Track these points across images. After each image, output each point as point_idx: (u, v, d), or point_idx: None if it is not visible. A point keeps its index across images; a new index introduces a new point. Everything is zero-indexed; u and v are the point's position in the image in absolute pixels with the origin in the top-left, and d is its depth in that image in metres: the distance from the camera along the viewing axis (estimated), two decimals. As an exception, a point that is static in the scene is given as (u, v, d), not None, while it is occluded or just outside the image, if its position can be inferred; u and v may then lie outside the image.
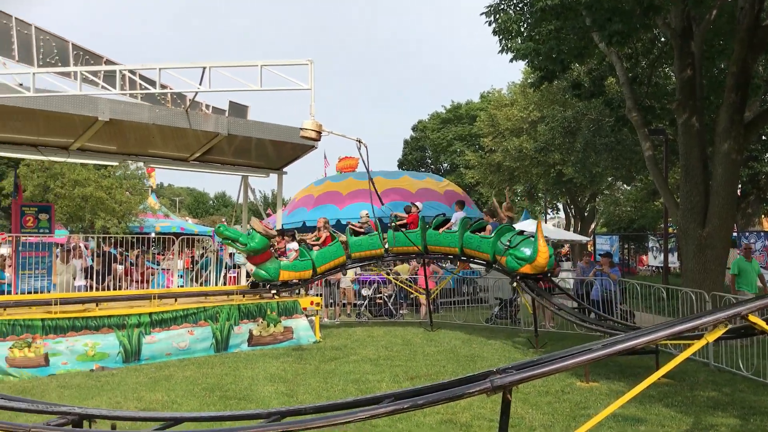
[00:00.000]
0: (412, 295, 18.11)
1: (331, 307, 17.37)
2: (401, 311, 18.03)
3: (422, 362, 11.00)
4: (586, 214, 39.86)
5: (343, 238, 14.76)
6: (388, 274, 17.33)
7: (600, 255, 15.83)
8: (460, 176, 44.39)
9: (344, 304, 18.02)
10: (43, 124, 11.93)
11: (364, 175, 25.81)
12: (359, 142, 9.66)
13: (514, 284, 12.79)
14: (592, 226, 41.09)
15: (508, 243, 12.54)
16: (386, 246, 14.54)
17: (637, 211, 38.19)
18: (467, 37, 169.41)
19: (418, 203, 15.57)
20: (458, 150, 50.09)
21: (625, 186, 37.99)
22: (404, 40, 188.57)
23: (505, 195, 17.74)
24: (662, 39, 17.45)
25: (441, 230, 14.15)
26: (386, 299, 17.81)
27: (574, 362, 4.23)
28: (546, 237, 22.18)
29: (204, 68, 10.04)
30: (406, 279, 17.55)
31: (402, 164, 58.54)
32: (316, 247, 14.67)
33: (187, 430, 4.89)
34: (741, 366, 9.74)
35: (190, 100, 13.49)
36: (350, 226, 15.08)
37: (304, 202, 25.57)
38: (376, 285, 18.17)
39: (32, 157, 20.16)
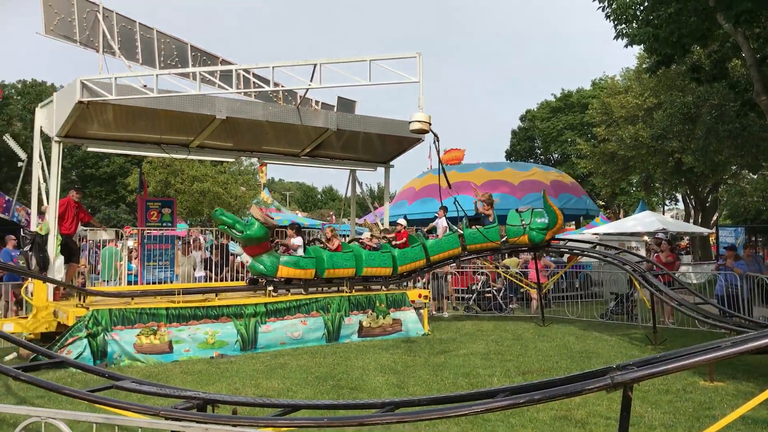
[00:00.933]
0: (522, 289, 17.79)
1: (438, 300, 17.35)
2: (511, 305, 17.76)
3: (534, 357, 10.78)
4: (707, 204, 37.68)
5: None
6: (497, 267, 17.10)
7: (724, 248, 14.91)
8: (571, 166, 43.13)
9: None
10: (165, 123, 12.58)
11: (468, 168, 25.64)
12: (435, 136, 9.59)
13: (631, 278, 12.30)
14: (714, 217, 38.78)
15: (523, 222, 14.00)
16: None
17: (766, 202, 35.68)
18: (577, 23, 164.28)
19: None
20: (569, 139, 48.68)
21: (751, 175, 35.61)
22: (511, 28, 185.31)
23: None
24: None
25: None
26: (495, 293, 17.59)
27: (701, 360, 3.99)
28: (664, 229, 21.23)
29: (315, 65, 10.25)
30: (516, 272, 17.25)
31: (510, 155, 57.61)
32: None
33: (303, 417, 5.01)
34: None
35: (300, 96, 13.82)
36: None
37: (405, 195, 25.68)
38: (484, 278, 17.98)
39: (156, 155, 21.33)
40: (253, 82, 12.60)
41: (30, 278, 11.40)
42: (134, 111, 11.74)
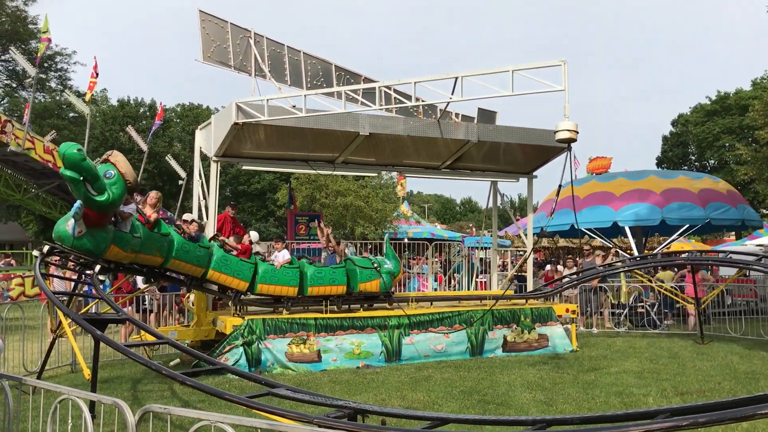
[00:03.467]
0: (678, 305, 16.74)
1: (588, 316, 16.71)
2: (666, 322, 16.75)
3: (693, 377, 10.09)
4: None
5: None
6: (650, 281, 16.22)
7: None
8: (730, 173, 40.22)
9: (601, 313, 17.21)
10: (312, 141, 13.10)
11: (610, 177, 24.52)
12: (568, 144, 9.20)
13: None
14: None
15: (375, 265, 12.28)
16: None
17: None
18: (732, 18, 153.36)
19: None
20: (727, 144, 45.43)
21: None
22: (658, 28, 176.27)
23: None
24: None
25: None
26: (649, 308, 16.68)
27: None
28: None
29: (456, 78, 10.26)
30: (671, 287, 16.28)
31: (661, 162, 54.70)
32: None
33: (451, 431, 4.99)
34: None
35: (441, 110, 13.88)
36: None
37: (545, 206, 24.98)
38: (636, 293, 17.10)
39: (304, 171, 22.24)
40: (395, 98, 12.84)
41: (191, 289, 12.23)
42: (284, 130, 12.33)
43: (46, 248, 8.88)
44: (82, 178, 7.68)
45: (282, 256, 11.94)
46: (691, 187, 22.27)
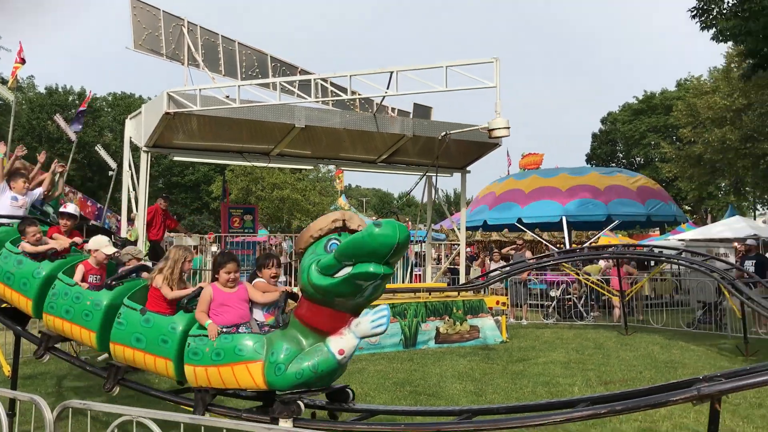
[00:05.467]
0: (603, 297, 17.32)
1: (518, 307, 17.12)
2: (592, 313, 17.32)
3: (617, 367, 10.48)
4: (803, 209, 35.71)
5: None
6: (578, 274, 16.72)
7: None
8: (655, 170, 41.77)
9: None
10: (246, 133, 12.93)
11: (551, 173, 25.16)
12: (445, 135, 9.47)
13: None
14: (811, 222, 36.64)
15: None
16: None
17: None
18: (660, 21, 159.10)
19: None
20: (653, 142, 47.14)
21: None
22: (591, 27, 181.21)
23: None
24: None
25: None
26: (576, 300, 17.20)
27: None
28: (755, 235, 20.24)
29: (391, 73, 10.33)
30: (598, 279, 16.83)
31: (590, 159, 56.28)
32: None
33: (380, 422, 5.05)
34: None
35: (377, 104, 13.94)
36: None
37: (485, 200, 25.40)
38: (564, 286, 17.61)
39: (238, 163, 21.96)
40: (331, 91, 12.81)
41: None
42: (217, 121, 12.13)
43: None
44: None
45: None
46: (630, 185, 23.08)
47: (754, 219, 38.04)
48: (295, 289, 5.84)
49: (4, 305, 6.85)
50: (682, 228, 29.34)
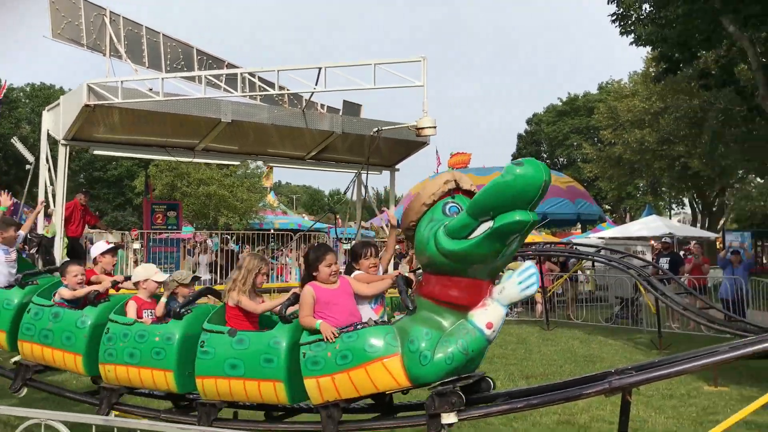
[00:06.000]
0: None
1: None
2: (515, 309, 17.73)
3: (538, 362, 10.76)
4: (714, 209, 37.54)
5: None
6: (502, 271, 17.04)
7: (730, 253, 14.85)
8: (577, 170, 43.07)
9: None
10: (170, 127, 12.63)
11: (486, 171, 25.53)
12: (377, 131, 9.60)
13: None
14: (721, 222, 38.64)
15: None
16: None
17: (773, 206, 35.55)
18: (585, 25, 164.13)
19: None
20: (575, 143, 48.60)
21: (758, 179, 35.52)
22: (517, 31, 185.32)
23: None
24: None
25: None
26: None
27: (698, 365, 4.02)
28: (670, 233, 21.18)
29: (320, 69, 10.29)
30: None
31: (516, 159, 57.57)
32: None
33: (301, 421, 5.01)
34: None
35: (306, 100, 13.85)
36: None
37: (408, 199, 25.60)
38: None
39: (162, 158, 21.43)
40: (259, 85, 12.66)
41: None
42: (140, 114, 11.79)
43: None
44: None
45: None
46: (560, 184, 23.68)
47: (670, 218, 39.89)
48: (404, 272, 5.32)
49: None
50: (603, 226, 30.37)
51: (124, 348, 4.98)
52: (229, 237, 21.18)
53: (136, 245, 16.60)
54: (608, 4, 15.23)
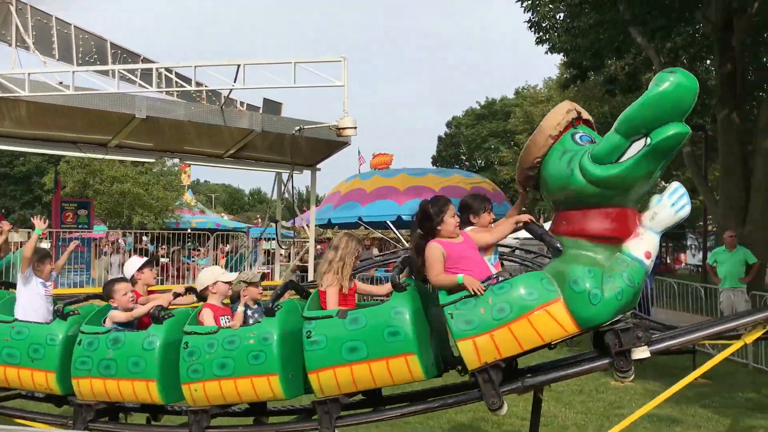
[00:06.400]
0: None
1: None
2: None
3: (455, 360, 10.94)
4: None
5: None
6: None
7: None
8: (494, 173, 44.11)
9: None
10: (82, 122, 12.16)
11: (391, 173, 25.84)
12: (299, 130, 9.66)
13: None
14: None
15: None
16: None
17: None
18: (502, 31, 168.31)
19: None
20: (493, 147, 49.75)
21: (663, 183, 37.36)
22: (437, 34, 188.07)
23: None
24: (702, 33, 17.15)
25: None
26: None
27: (605, 362, 4.18)
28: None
29: (238, 66, 10.15)
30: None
31: (436, 161, 58.43)
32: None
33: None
34: (782, 367, 9.50)
35: (224, 97, 13.63)
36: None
37: (331, 199, 25.59)
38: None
39: (72, 155, 20.61)
40: (175, 81, 12.36)
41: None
42: (49, 108, 11.30)
43: None
44: None
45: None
46: (466, 185, 24.11)
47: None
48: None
49: None
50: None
51: (212, 360, 4.33)
52: (143, 236, 20.55)
53: (45, 244, 15.87)
54: (525, 12, 15.72)
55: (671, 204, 3.79)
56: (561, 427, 6.93)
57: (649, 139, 3.55)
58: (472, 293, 3.86)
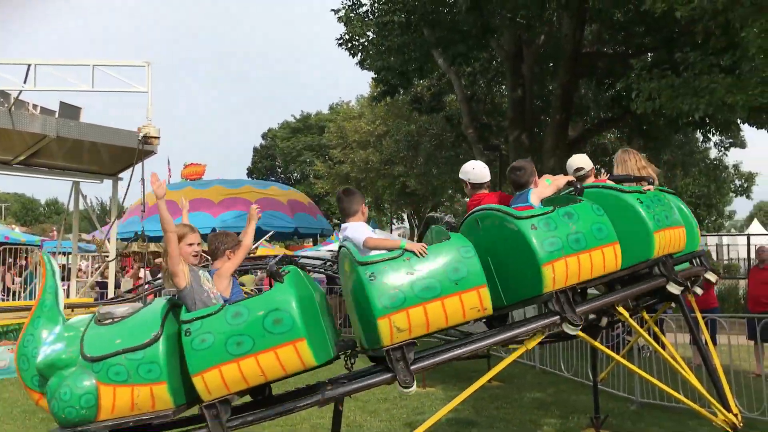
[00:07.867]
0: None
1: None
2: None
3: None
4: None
5: None
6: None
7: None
8: (310, 186, 44.45)
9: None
10: None
11: (205, 184, 25.16)
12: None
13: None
14: (435, 235, 42.55)
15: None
16: None
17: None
18: (317, 46, 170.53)
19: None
20: (308, 160, 50.14)
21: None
22: (254, 45, 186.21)
23: None
24: (498, 60, 18.61)
25: None
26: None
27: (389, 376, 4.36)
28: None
29: (29, 65, 9.35)
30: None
31: (252, 172, 57.70)
32: None
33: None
34: (562, 367, 10.47)
35: (14, 98, 12.46)
36: None
37: (137, 210, 24.34)
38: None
39: None
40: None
41: None
42: None
43: None
44: None
45: None
46: (282, 197, 24.04)
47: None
48: None
49: None
50: (332, 240, 31.68)
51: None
52: None
53: None
54: (339, 22, 16.07)
55: None
56: (366, 436, 7.11)
57: None
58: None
